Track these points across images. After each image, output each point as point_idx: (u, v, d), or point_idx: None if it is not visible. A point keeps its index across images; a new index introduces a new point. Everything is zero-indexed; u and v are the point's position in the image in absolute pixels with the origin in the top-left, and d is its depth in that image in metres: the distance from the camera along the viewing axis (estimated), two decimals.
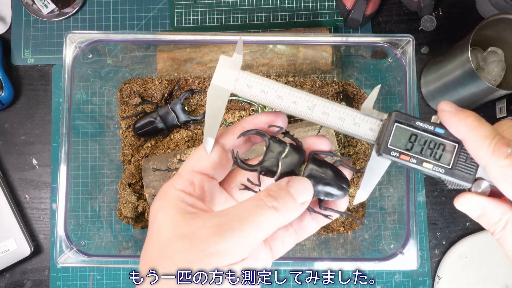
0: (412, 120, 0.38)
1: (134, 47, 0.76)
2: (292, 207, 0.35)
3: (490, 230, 0.36)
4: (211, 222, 0.33)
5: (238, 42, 0.40)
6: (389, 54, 0.67)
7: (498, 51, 0.76)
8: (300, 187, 0.36)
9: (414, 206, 0.64)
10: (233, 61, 0.40)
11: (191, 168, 0.38)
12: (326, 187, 0.39)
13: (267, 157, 0.39)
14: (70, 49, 0.66)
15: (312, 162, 0.39)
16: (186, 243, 0.32)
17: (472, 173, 0.37)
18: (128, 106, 0.81)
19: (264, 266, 0.39)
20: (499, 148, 0.33)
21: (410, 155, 0.37)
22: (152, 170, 0.75)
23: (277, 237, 0.41)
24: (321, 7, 0.86)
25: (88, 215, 0.75)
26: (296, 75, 0.80)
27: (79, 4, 0.85)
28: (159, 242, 0.34)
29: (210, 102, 0.40)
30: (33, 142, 0.84)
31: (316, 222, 0.41)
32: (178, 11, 0.86)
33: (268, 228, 0.34)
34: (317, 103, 0.39)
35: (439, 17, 0.85)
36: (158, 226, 0.34)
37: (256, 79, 0.39)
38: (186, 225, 0.33)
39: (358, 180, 0.79)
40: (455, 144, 0.37)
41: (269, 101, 0.39)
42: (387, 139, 0.38)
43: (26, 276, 0.81)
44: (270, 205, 0.34)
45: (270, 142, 0.39)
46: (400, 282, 0.80)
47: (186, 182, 0.37)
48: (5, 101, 0.81)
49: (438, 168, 0.37)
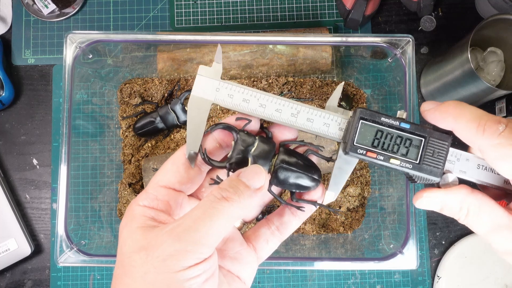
0: (377, 116, 0.37)
1: (134, 47, 0.76)
2: (247, 193, 0.34)
3: (455, 218, 0.36)
4: (166, 229, 0.32)
5: (217, 50, 0.39)
6: (389, 54, 0.67)
7: (497, 51, 0.76)
8: (251, 174, 0.35)
9: (413, 205, 0.64)
10: (213, 70, 0.39)
11: (157, 183, 0.37)
12: (298, 179, 0.38)
13: (235, 153, 0.38)
14: (71, 49, 0.66)
15: (283, 154, 0.38)
16: (143, 255, 0.32)
17: (440, 167, 0.36)
18: (128, 106, 0.81)
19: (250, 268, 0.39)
20: (489, 127, 0.32)
21: (377, 152, 0.37)
22: (152, 170, 0.75)
23: (260, 236, 0.41)
24: (321, 7, 0.86)
25: (88, 215, 0.75)
26: (296, 75, 0.80)
27: (79, 4, 0.85)
28: (121, 259, 0.33)
29: (191, 115, 0.39)
30: (34, 142, 0.84)
31: (296, 216, 0.41)
32: (178, 11, 0.86)
33: (225, 220, 0.33)
34: (301, 110, 0.38)
35: (439, 17, 0.85)
36: (120, 243, 0.34)
37: (238, 88, 0.38)
38: (144, 238, 0.33)
39: (358, 180, 0.79)
40: (422, 139, 0.37)
41: (252, 110, 0.38)
42: (353, 136, 0.37)
43: (26, 275, 0.81)
44: (220, 197, 0.33)
45: (238, 136, 0.38)
46: (400, 282, 0.80)
47: (150, 197, 0.36)
48: (5, 101, 0.82)
49: (406, 164, 0.37)
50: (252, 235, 0.41)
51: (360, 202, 0.79)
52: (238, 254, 0.39)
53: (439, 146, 0.37)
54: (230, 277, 0.38)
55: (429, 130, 0.37)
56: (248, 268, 0.40)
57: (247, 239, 0.41)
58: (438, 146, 0.37)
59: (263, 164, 0.37)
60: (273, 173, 0.38)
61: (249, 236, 0.42)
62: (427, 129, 0.37)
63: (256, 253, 0.41)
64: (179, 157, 0.38)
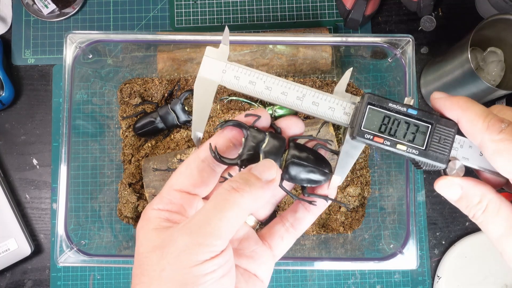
0: (385, 101, 0.37)
1: (134, 47, 0.76)
2: (258, 185, 0.34)
3: (470, 213, 0.35)
4: (178, 227, 0.33)
5: (224, 32, 0.39)
6: (389, 54, 0.67)
7: (497, 51, 0.76)
8: (262, 167, 0.35)
9: (413, 206, 0.64)
10: (220, 52, 0.39)
11: (171, 187, 0.37)
12: (309, 174, 0.38)
13: (246, 149, 0.37)
14: (71, 49, 0.66)
15: (293, 149, 0.38)
16: (158, 253, 0.32)
17: (446, 153, 0.36)
18: (128, 106, 0.81)
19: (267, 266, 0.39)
20: (493, 124, 0.33)
21: (383, 137, 0.37)
22: (152, 170, 0.75)
23: (274, 233, 0.41)
24: (321, 7, 0.86)
25: (88, 215, 0.75)
26: (296, 75, 0.80)
27: (79, 4, 0.85)
28: (138, 259, 0.34)
29: (197, 95, 0.39)
30: (34, 142, 0.84)
31: (309, 212, 0.41)
32: (178, 11, 0.86)
33: (237, 212, 0.32)
34: (307, 93, 0.38)
35: (439, 17, 0.85)
36: (137, 245, 0.35)
37: (244, 70, 0.38)
38: (158, 237, 0.33)
39: (358, 180, 0.79)
40: (428, 125, 0.37)
41: (258, 92, 0.38)
42: (361, 121, 0.37)
43: (26, 275, 0.81)
44: (230, 188, 0.33)
45: (249, 132, 0.38)
46: (400, 282, 0.80)
47: (164, 201, 0.37)
48: (5, 101, 0.82)
49: (412, 150, 0.37)
50: (267, 233, 0.41)
51: (360, 202, 0.79)
52: (254, 253, 0.39)
53: (445, 132, 0.37)
54: (247, 276, 0.38)
55: (436, 116, 0.37)
56: (265, 266, 0.40)
57: (262, 237, 0.41)
58: (444, 132, 0.37)
59: (275, 160, 0.37)
60: (285, 168, 0.38)
61: (264, 234, 0.42)
62: (434, 115, 0.37)
63: (272, 251, 0.41)
64: (193, 160, 0.38)
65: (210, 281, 0.31)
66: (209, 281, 0.31)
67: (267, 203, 0.43)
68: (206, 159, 0.38)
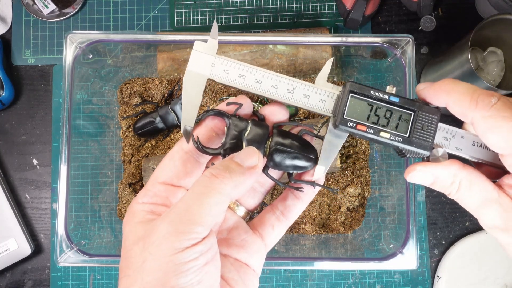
0: (367, 89, 0.37)
1: (134, 47, 0.76)
2: (238, 171, 0.34)
3: (446, 192, 0.36)
4: (161, 217, 0.33)
5: (213, 26, 0.39)
6: (389, 54, 0.67)
7: (497, 51, 0.76)
8: (243, 154, 0.35)
9: (413, 206, 0.64)
10: (209, 46, 0.39)
11: (155, 180, 0.37)
12: (294, 160, 0.38)
13: (229, 138, 0.37)
14: (71, 49, 0.66)
15: (277, 135, 0.38)
16: (140, 244, 0.32)
17: (429, 140, 0.36)
18: (128, 106, 0.81)
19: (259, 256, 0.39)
20: (482, 100, 0.33)
21: (366, 125, 0.37)
22: (152, 170, 0.75)
23: (265, 222, 0.41)
24: (321, 7, 0.86)
25: (88, 215, 0.75)
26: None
27: (79, 5, 0.85)
28: (123, 252, 0.34)
29: (186, 89, 0.39)
30: (34, 142, 0.84)
31: (299, 199, 0.41)
32: (178, 11, 0.86)
33: (217, 198, 0.32)
34: (297, 85, 0.38)
35: (439, 17, 0.85)
36: (123, 239, 0.35)
37: (233, 64, 0.38)
38: (142, 229, 0.33)
39: (358, 180, 0.79)
40: (411, 113, 0.37)
41: (248, 85, 0.38)
42: (343, 110, 0.37)
43: (26, 275, 0.81)
44: (210, 175, 0.33)
45: (231, 121, 0.37)
46: (400, 282, 0.80)
47: (149, 194, 0.37)
48: (5, 101, 0.82)
49: (396, 137, 0.37)
50: (258, 223, 0.41)
51: (360, 202, 0.79)
52: (244, 242, 0.39)
53: (428, 120, 0.37)
54: (238, 265, 0.38)
55: (419, 104, 0.37)
56: (256, 255, 0.40)
57: (253, 227, 0.41)
58: (427, 120, 0.37)
59: (258, 148, 0.37)
60: (269, 155, 0.38)
61: (255, 224, 0.41)
62: (417, 103, 0.37)
63: (263, 240, 0.40)
64: (177, 152, 0.38)
65: (193, 269, 0.31)
66: (191, 268, 0.31)
67: (256, 192, 0.43)
68: (189, 150, 0.38)
